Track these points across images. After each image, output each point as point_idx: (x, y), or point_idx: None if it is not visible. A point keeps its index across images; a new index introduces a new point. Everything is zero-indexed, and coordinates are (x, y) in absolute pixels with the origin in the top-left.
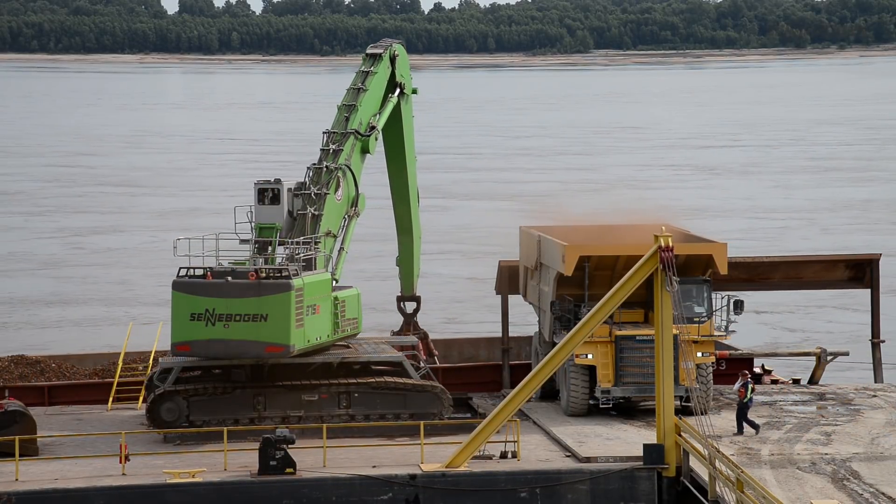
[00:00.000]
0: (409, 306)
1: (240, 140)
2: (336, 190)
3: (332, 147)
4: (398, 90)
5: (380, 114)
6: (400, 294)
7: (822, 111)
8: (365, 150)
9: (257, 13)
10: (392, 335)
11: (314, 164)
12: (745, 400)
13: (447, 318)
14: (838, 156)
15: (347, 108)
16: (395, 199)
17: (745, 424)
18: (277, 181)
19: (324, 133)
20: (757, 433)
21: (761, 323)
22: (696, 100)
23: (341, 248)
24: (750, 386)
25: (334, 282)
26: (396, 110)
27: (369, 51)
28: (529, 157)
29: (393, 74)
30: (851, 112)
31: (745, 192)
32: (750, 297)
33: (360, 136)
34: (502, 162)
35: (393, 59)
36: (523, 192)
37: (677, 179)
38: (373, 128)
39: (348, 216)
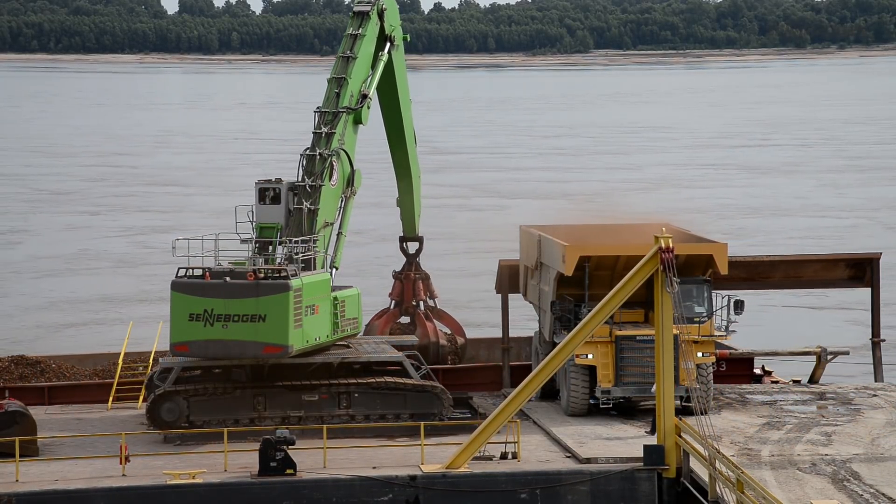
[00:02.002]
0: (412, 247)
1: (268, 140)
2: (330, 177)
3: (325, 130)
4: (389, 44)
5: (371, 76)
6: (402, 235)
7: (842, 111)
8: (358, 121)
9: (257, 13)
10: (392, 275)
11: (307, 151)
12: None
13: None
14: (876, 155)
15: (337, 82)
16: (391, 144)
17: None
18: (278, 180)
19: (315, 112)
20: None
21: (761, 323)
22: (706, 100)
23: (339, 233)
24: None
25: (334, 270)
26: (388, 63)
27: (356, 8)
28: (565, 157)
29: (382, 28)
30: (872, 111)
31: (795, 191)
32: (750, 297)
33: (352, 110)
34: (538, 161)
35: (381, 14)
36: (572, 191)
37: (723, 178)
38: (364, 96)
39: (345, 197)
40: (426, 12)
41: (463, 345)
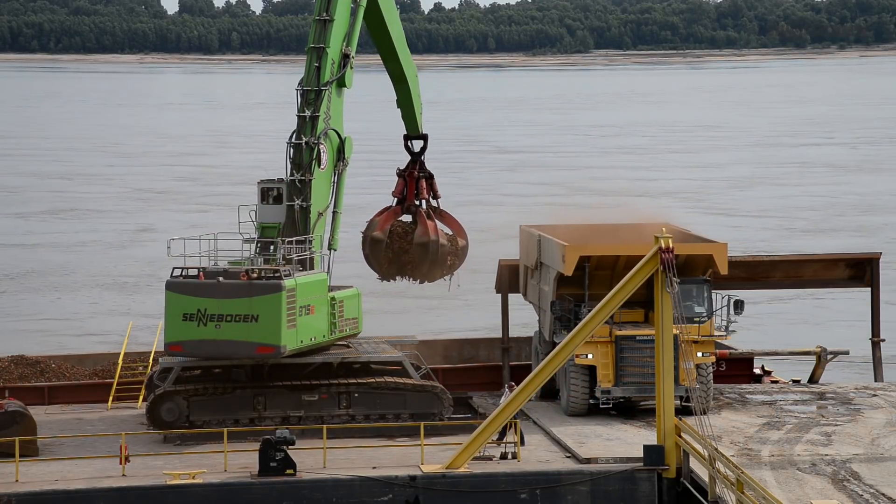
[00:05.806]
0: (417, 145)
1: None
2: (319, 164)
3: (308, 113)
4: None
5: (351, 32)
6: (406, 133)
7: (880, 109)
8: (342, 85)
9: (257, 13)
10: (396, 173)
11: (293, 139)
12: None
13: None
14: None
15: (317, 53)
16: (383, 56)
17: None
18: (280, 180)
19: (297, 90)
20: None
21: (761, 323)
22: (728, 99)
23: (335, 212)
24: None
25: (332, 252)
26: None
27: None
28: (634, 156)
29: None
30: None
31: (891, 188)
32: (750, 297)
33: (334, 80)
34: (607, 160)
35: None
36: (667, 190)
37: (810, 176)
38: (346, 56)
39: (337, 172)
40: (426, 12)
41: (464, 246)
